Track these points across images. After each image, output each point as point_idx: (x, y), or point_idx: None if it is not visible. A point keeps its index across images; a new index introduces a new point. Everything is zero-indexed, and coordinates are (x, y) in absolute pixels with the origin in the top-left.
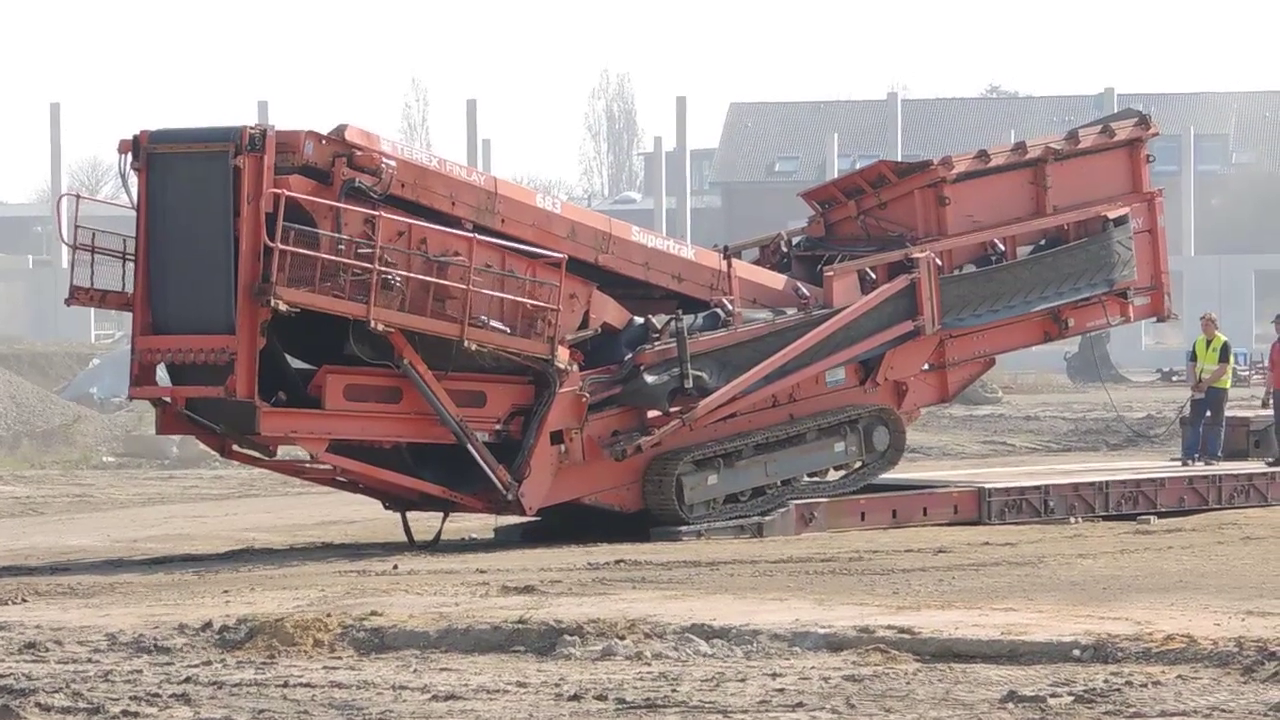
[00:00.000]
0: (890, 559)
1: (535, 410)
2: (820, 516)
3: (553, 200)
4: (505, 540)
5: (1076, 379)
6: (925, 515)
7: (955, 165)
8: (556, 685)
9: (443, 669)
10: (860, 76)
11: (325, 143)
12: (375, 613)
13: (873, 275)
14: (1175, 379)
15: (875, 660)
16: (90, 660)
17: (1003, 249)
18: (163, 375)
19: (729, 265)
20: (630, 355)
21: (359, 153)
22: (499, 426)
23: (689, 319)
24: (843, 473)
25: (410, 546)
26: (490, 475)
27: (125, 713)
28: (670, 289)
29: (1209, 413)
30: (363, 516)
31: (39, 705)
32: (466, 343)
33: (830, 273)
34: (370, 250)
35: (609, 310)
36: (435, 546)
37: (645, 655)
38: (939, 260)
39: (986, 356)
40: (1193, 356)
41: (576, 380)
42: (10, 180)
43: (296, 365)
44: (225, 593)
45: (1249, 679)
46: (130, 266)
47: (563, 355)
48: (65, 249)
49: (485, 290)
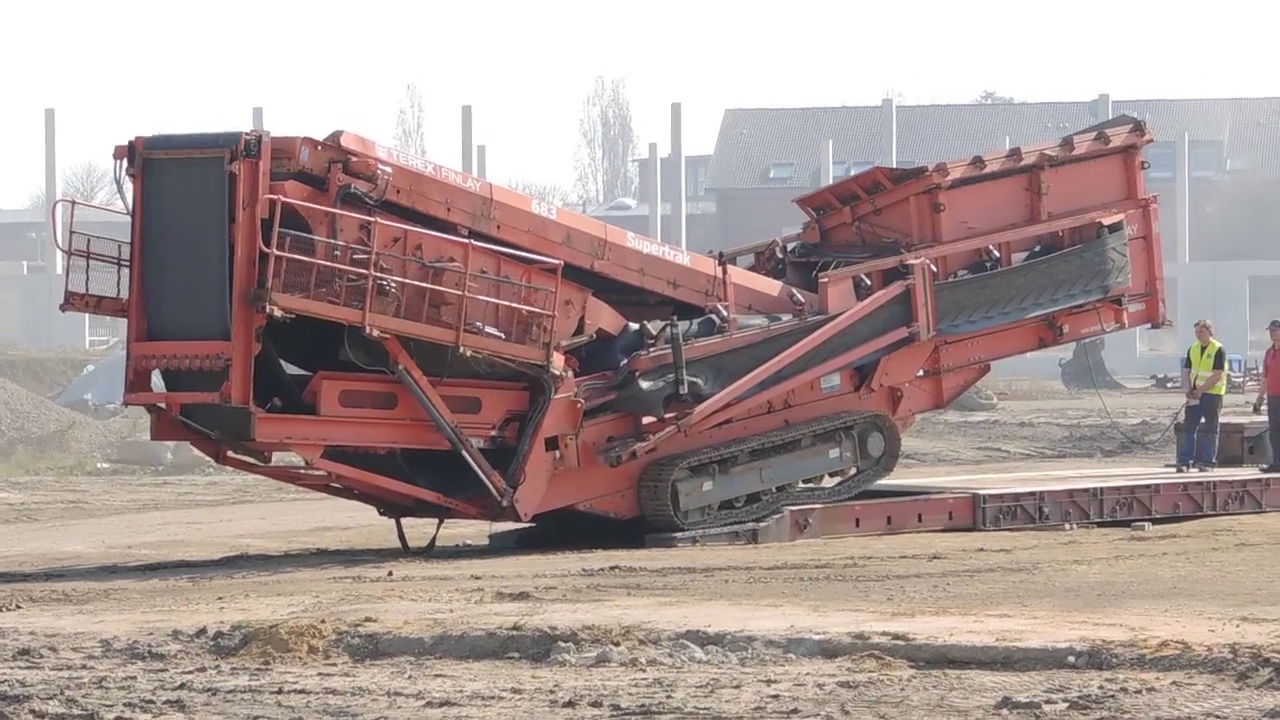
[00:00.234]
0: (885, 565)
1: (530, 416)
2: (815, 523)
3: (548, 206)
4: (500, 546)
5: (1071, 385)
6: (920, 521)
7: (950, 171)
8: (551, 692)
9: (437, 675)
10: (855, 83)
11: (321, 149)
12: (370, 619)
13: (868, 281)
14: (1170, 385)
15: (870, 667)
16: (85, 667)
17: (998, 255)
18: (158, 381)
19: (724, 271)
20: (625, 361)
21: (354, 159)
22: (494, 432)
23: (684, 325)
24: (838, 479)
25: (405, 553)
26: (485, 481)
27: (119, 719)
28: (665, 295)
29: (1203, 419)
30: (357, 523)
31: (33, 712)
32: (462, 348)
33: (825, 279)
34: (366, 256)
35: (604, 316)
36: (430, 553)
37: (640, 662)
38: (934, 266)
39: (981, 363)
40: (1187, 363)
41: (572, 386)
42: (4, 186)
43: (292, 371)
44: (219, 599)
45: (1243, 685)
46: (125, 272)
47: (558, 361)
48: (60, 255)
49: (481, 296)
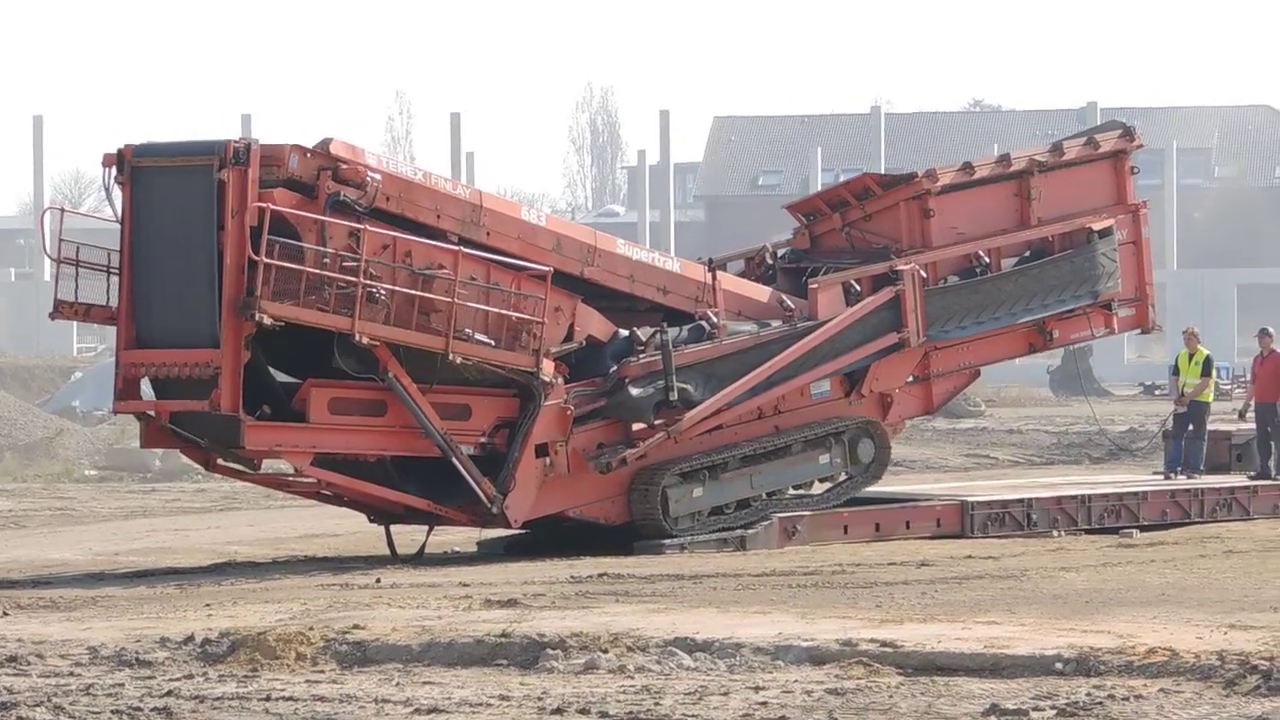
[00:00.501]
0: (873, 572)
1: (520, 423)
2: (803, 530)
3: (537, 213)
4: (488, 554)
5: (1059, 392)
6: (908, 528)
7: (940, 177)
8: (539, 699)
9: (425, 682)
10: (844, 91)
11: (310, 156)
12: (358, 626)
13: (858, 287)
14: (1158, 393)
15: (858, 674)
16: (72, 674)
17: (987, 261)
18: (147, 389)
19: (714, 278)
20: (615, 368)
21: (344, 166)
22: (484, 439)
23: (674, 331)
24: (828, 485)
25: (393, 560)
26: (475, 488)
27: None
28: (655, 301)
29: (1191, 426)
30: (345, 530)
31: (20, 719)
32: (451, 356)
33: (815, 285)
34: (355, 264)
35: (594, 323)
36: (419, 560)
37: (628, 668)
38: (924, 272)
39: (971, 368)
40: (1175, 370)
41: (561, 393)
42: None
43: (281, 379)
44: (207, 606)
45: (1231, 692)
46: (115, 280)
47: (548, 368)
48: (48, 262)
49: (470, 303)
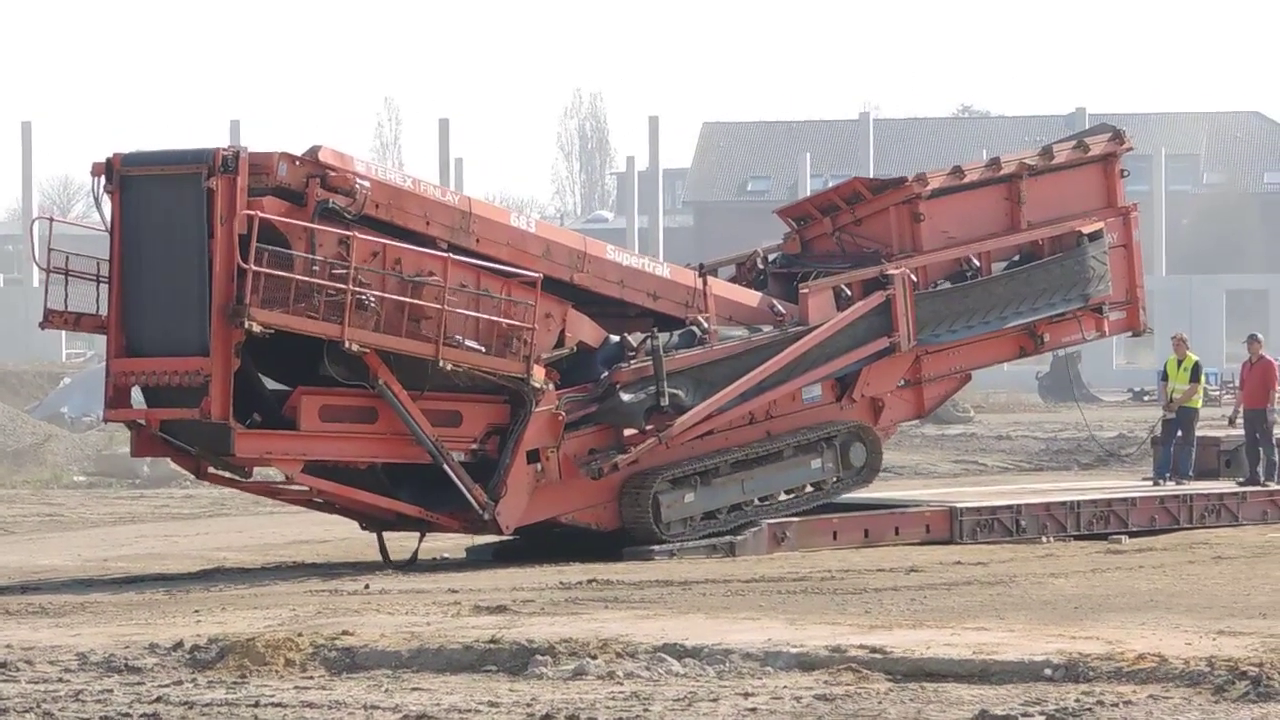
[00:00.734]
0: (862, 578)
1: (511, 429)
2: (792, 536)
3: (527, 219)
4: (477, 560)
5: (1048, 398)
6: (897, 534)
7: (930, 181)
8: (528, 705)
9: (414, 689)
10: (832, 96)
11: (299, 164)
12: (347, 632)
13: (848, 292)
14: (1147, 398)
15: (847, 680)
16: (61, 680)
17: (978, 265)
18: (138, 397)
19: (704, 283)
20: (606, 374)
21: (333, 173)
22: (475, 446)
23: (665, 337)
24: (815, 488)
25: (383, 566)
26: (467, 495)
27: None
28: (646, 307)
29: (1180, 432)
30: (334, 536)
31: None
32: (442, 362)
33: (806, 289)
34: (345, 271)
35: (584, 329)
36: (411, 566)
37: (617, 675)
38: (914, 276)
39: (962, 372)
40: (1164, 376)
41: (553, 399)
42: None
43: (271, 386)
44: (196, 612)
45: (1220, 699)
46: (105, 289)
47: (538, 374)
48: (37, 269)
49: (460, 310)
